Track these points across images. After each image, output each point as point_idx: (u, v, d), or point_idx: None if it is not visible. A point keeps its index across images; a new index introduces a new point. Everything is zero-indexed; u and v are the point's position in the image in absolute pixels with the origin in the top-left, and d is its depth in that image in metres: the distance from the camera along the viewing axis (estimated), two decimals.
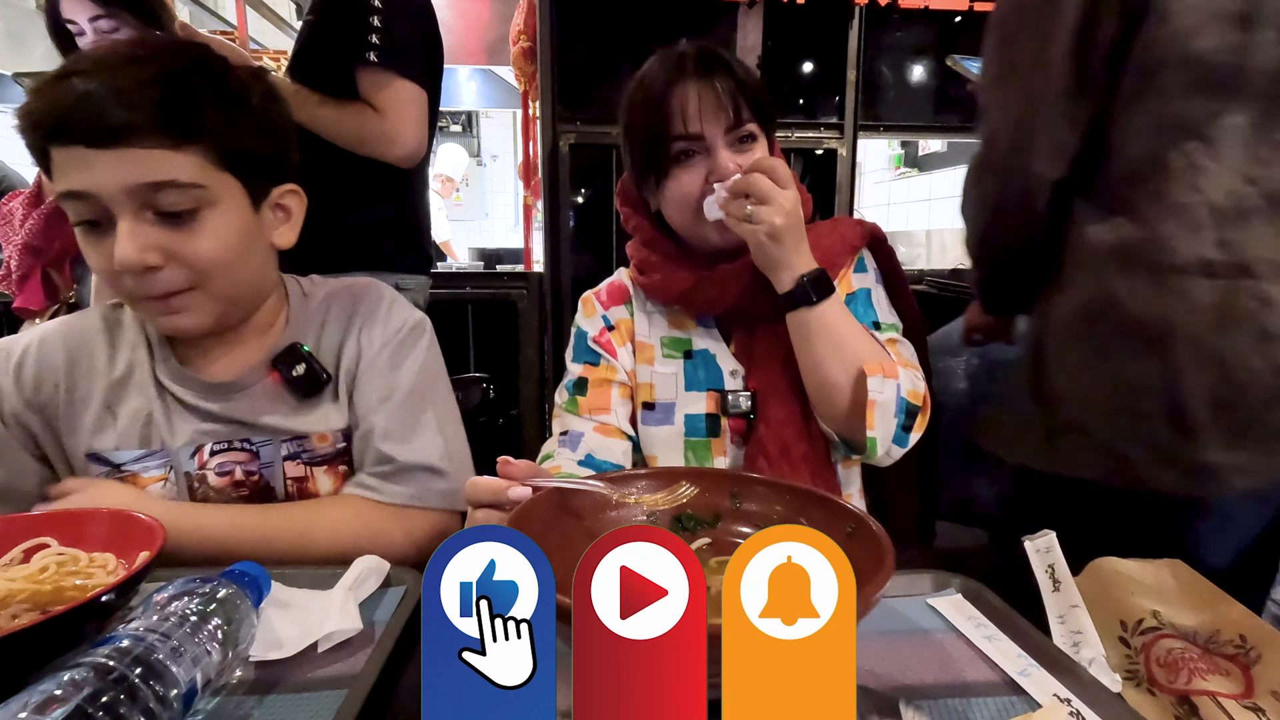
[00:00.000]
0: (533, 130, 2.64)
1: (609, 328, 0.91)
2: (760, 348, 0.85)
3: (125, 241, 0.64)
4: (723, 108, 0.79)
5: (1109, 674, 0.47)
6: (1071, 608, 0.54)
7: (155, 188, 0.64)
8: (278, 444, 0.77)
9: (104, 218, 0.65)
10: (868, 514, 0.49)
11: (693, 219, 0.83)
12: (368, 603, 0.57)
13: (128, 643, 0.39)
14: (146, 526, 0.53)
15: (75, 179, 0.64)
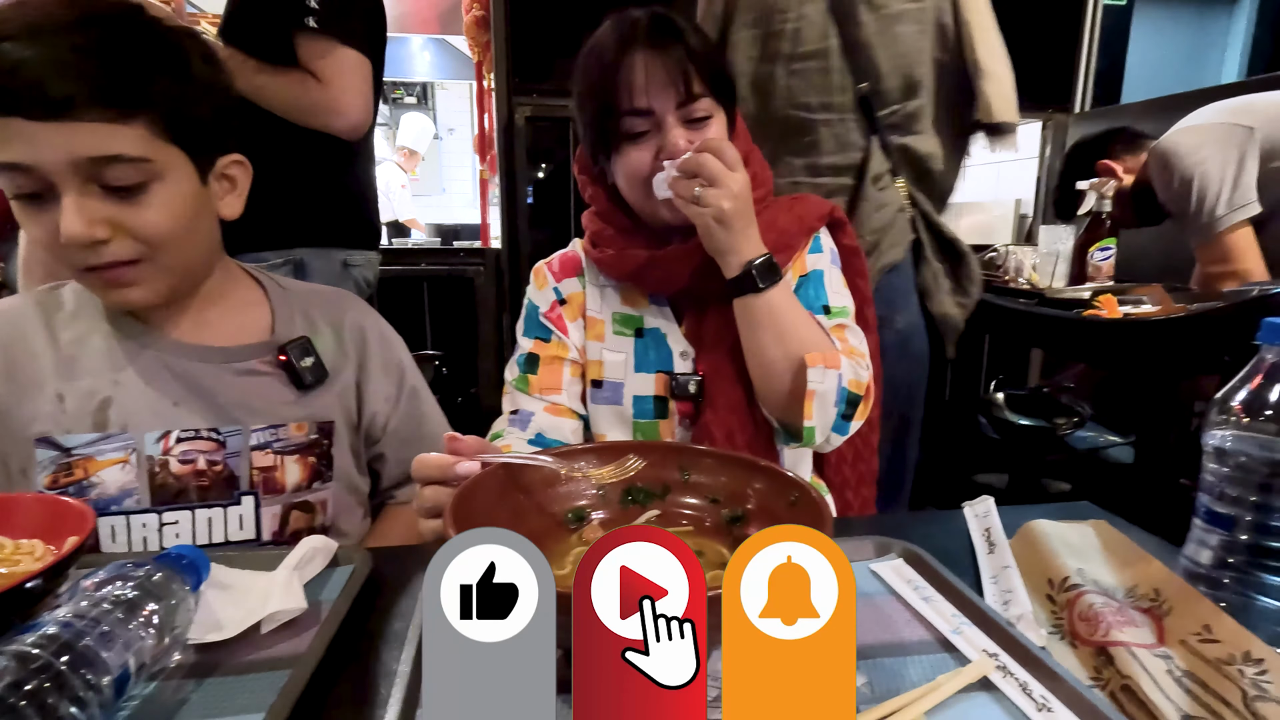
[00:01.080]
0: (488, 102, 2.58)
1: (560, 301, 0.90)
2: (710, 331, 0.84)
3: (72, 216, 0.62)
4: (673, 81, 0.75)
5: (1035, 629, 0.50)
6: (1003, 568, 0.56)
7: (102, 162, 0.63)
8: (247, 433, 0.76)
9: (46, 190, 0.63)
10: (809, 484, 0.50)
11: (644, 196, 0.81)
12: (314, 582, 0.56)
13: (54, 629, 0.38)
14: (77, 512, 0.51)
15: (14, 151, 0.61)
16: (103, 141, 0.62)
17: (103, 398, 0.72)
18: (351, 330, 0.86)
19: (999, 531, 0.63)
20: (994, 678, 0.44)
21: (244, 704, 0.43)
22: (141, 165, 0.65)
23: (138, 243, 0.66)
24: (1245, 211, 1.42)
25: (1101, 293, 1.33)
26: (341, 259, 1.39)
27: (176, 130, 0.67)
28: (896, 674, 0.46)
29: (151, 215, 0.66)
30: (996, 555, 0.59)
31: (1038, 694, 0.42)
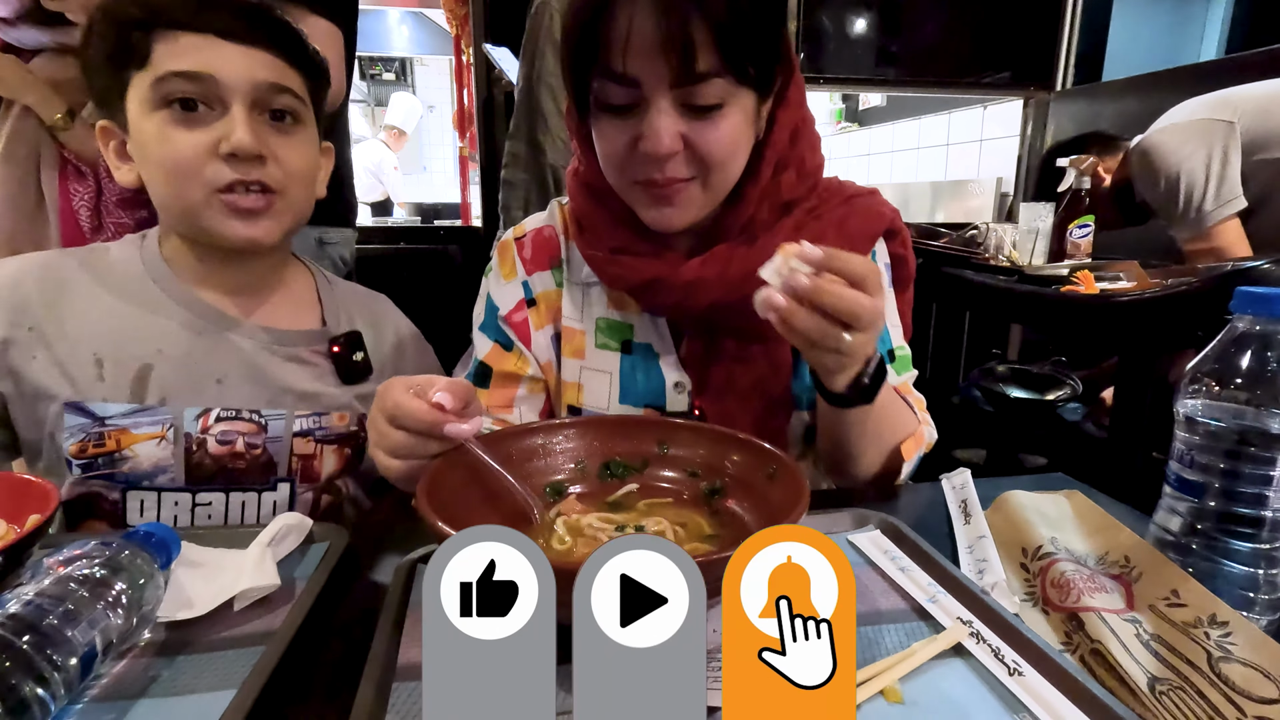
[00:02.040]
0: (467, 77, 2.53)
1: (529, 301, 0.76)
2: (719, 372, 0.71)
3: (244, 128, 0.67)
4: (668, 49, 0.56)
5: (1008, 597, 0.50)
6: (979, 538, 0.57)
7: (276, 89, 0.70)
8: (291, 418, 0.76)
9: (214, 101, 0.67)
10: (785, 455, 0.49)
11: (622, 187, 0.66)
12: (288, 560, 0.55)
13: (15, 607, 0.37)
14: (41, 490, 0.50)
15: (196, 61, 0.66)
16: (280, 73, 0.70)
17: (142, 365, 0.70)
18: (391, 333, 0.87)
19: (975, 503, 0.63)
20: (967, 644, 0.44)
21: (215, 681, 0.42)
22: (298, 105, 0.72)
23: (281, 173, 0.71)
24: (1232, 206, 1.45)
25: (1079, 269, 1.34)
26: (316, 236, 1.36)
27: (313, 92, 0.75)
28: (873, 642, 0.46)
29: (295, 150, 0.72)
30: (972, 525, 0.60)
31: (1009, 659, 0.43)
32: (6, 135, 1.27)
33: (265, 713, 0.39)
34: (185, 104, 0.67)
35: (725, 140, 0.62)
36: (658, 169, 0.61)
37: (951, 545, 0.60)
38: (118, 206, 1.29)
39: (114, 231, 1.30)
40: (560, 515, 0.53)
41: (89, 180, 1.30)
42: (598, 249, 0.71)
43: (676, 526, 0.52)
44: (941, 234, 1.72)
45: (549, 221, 0.78)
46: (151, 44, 0.66)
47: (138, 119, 0.68)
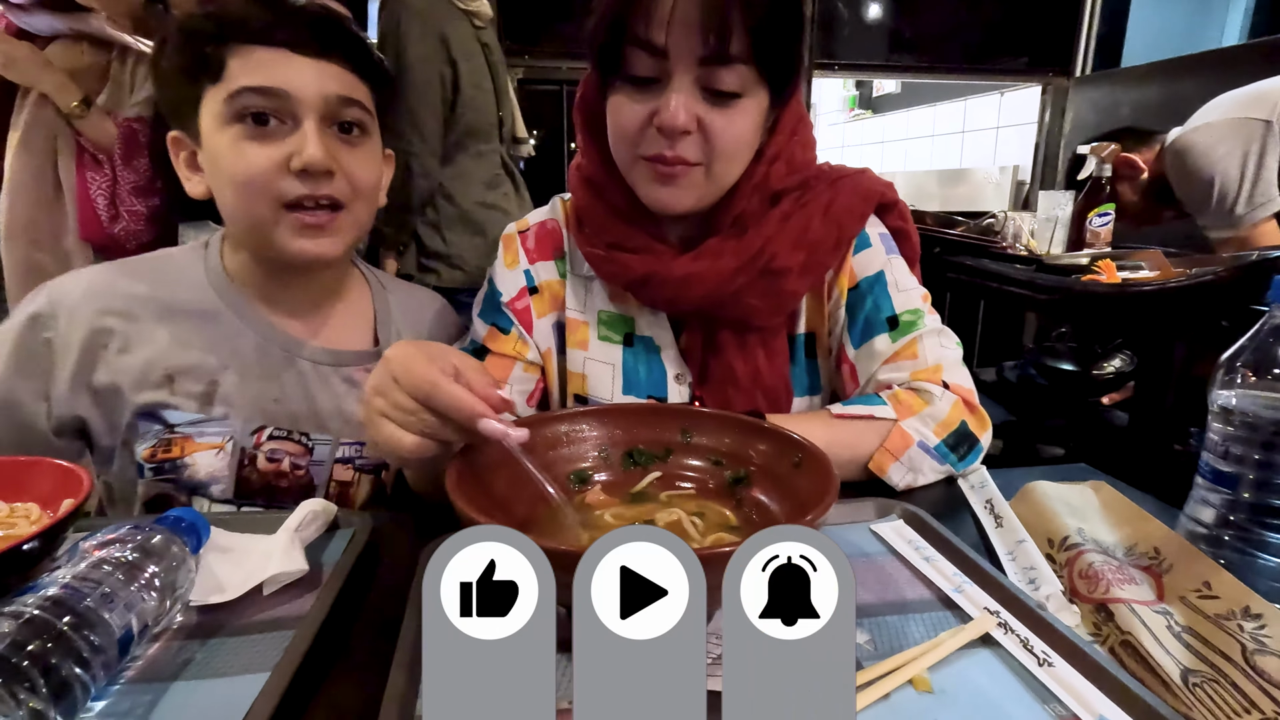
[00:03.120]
0: None
1: (531, 289, 0.77)
2: (718, 363, 0.72)
3: (314, 141, 0.67)
4: (706, 24, 0.58)
5: (1069, 609, 0.47)
6: (1018, 543, 0.54)
7: (345, 102, 0.70)
8: (335, 445, 0.77)
9: (285, 116, 0.67)
10: (813, 444, 0.49)
11: (627, 161, 0.67)
12: (315, 546, 0.56)
13: (54, 590, 0.38)
14: (73, 475, 0.50)
15: (268, 76, 0.67)
16: (349, 86, 0.70)
17: (209, 381, 0.72)
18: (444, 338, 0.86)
19: (1001, 502, 0.61)
20: (995, 634, 0.44)
21: (248, 663, 0.42)
22: (366, 118, 0.73)
23: (349, 187, 0.71)
24: (1266, 209, 1.42)
25: (1100, 258, 1.33)
26: None
27: (379, 106, 0.76)
28: (899, 631, 0.46)
29: (363, 163, 0.72)
30: (1007, 529, 0.57)
31: (1039, 649, 0.43)
32: (24, 123, 1.27)
33: (297, 695, 0.40)
34: (258, 118, 0.67)
35: (736, 132, 0.64)
36: (669, 145, 0.63)
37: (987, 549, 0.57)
38: (130, 194, 1.29)
39: (129, 220, 1.30)
40: (586, 505, 0.53)
41: (105, 169, 1.30)
42: (595, 245, 0.73)
43: (694, 517, 0.51)
44: (958, 222, 1.70)
45: (551, 215, 0.80)
46: (226, 58, 0.66)
47: (211, 132, 0.68)
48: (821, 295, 0.76)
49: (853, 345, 0.75)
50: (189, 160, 0.72)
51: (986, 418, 0.71)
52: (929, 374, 0.71)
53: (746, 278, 0.69)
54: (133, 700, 0.39)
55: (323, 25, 0.69)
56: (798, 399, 0.77)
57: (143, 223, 1.30)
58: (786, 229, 0.70)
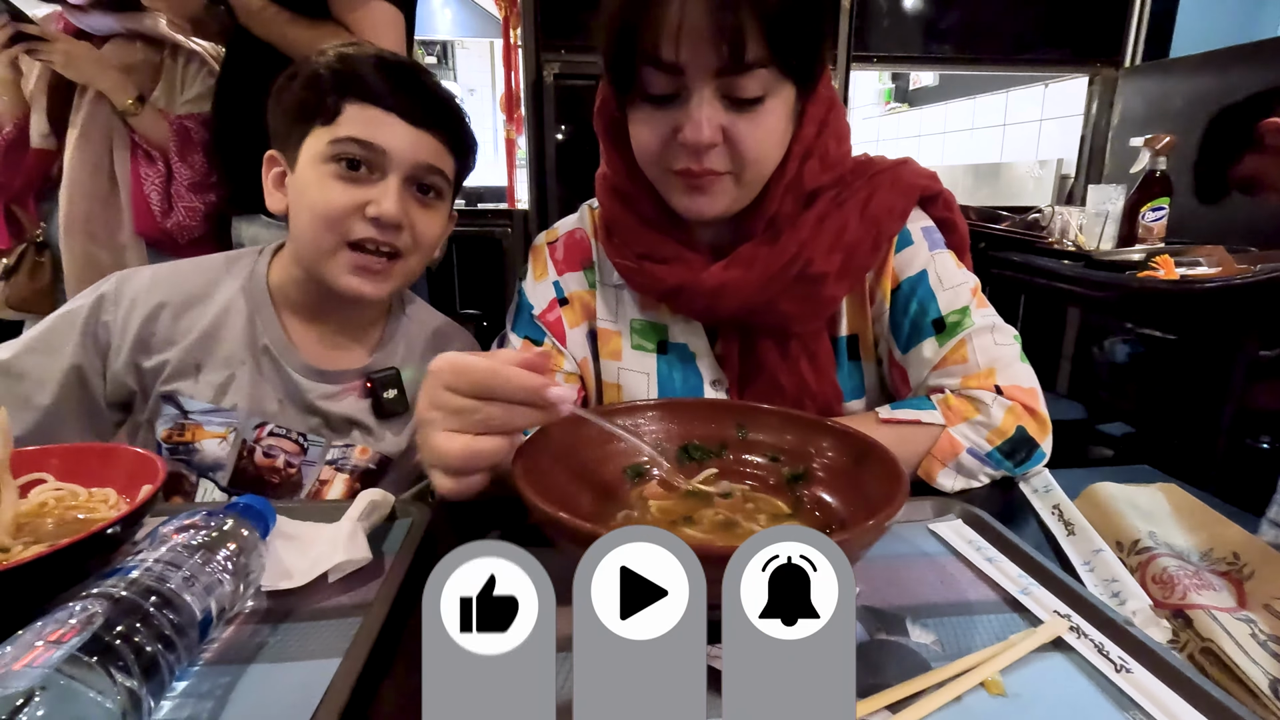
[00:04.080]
0: (515, 60, 2.53)
1: (561, 300, 0.77)
2: (761, 373, 0.71)
3: (394, 197, 0.74)
4: (718, 36, 0.56)
5: (1158, 624, 0.46)
6: (1095, 553, 0.52)
7: (430, 170, 0.77)
8: (326, 448, 0.82)
9: (376, 168, 0.74)
10: (880, 443, 0.48)
11: (656, 176, 0.66)
12: (374, 535, 0.57)
13: (138, 573, 0.39)
14: (147, 461, 0.52)
15: (372, 132, 0.73)
16: (438, 156, 0.77)
17: (228, 375, 0.79)
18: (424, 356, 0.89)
19: (1072, 508, 0.59)
20: (1068, 638, 0.43)
21: (319, 648, 0.43)
22: (444, 186, 0.79)
23: (411, 240, 0.77)
24: None
25: (1157, 253, 1.29)
26: None
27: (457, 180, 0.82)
28: (965, 633, 0.45)
29: (430, 224, 0.79)
30: (1081, 537, 0.55)
31: (1115, 655, 0.42)
32: (82, 120, 1.31)
33: (367, 681, 0.40)
34: (352, 164, 0.74)
35: (764, 136, 0.62)
36: (695, 160, 0.61)
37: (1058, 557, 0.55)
38: (189, 191, 1.32)
39: (184, 215, 1.34)
40: (642, 499, 0.53)
41: (159, 164, 1.34)
42: (625, 256, 0.72)
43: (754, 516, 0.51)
44: (1003, 217, 1.67)
45: (580, 224, 0.80)
46: (342, 107, 0.74)
47: (307, 165, 0.75)
48: (863, 296, 0.74)
49: (900, 350, 0.73)
50: (277, 179, 0.80)
51: (1047, 420, 0.68)
52: (981, 379, 0.69)
53: (781, 285, 0.68)
54: (212, 682, 0.40)
55: (431, 103, 0.77)
56: (844, 404, 0.75)
57: (198, 218, 1.33)
58: (822, 231, 0.68)
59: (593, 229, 0.78)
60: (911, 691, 0.39)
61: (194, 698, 0.39)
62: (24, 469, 0.52)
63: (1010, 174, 2.88)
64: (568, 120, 2.29)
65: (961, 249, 0.76)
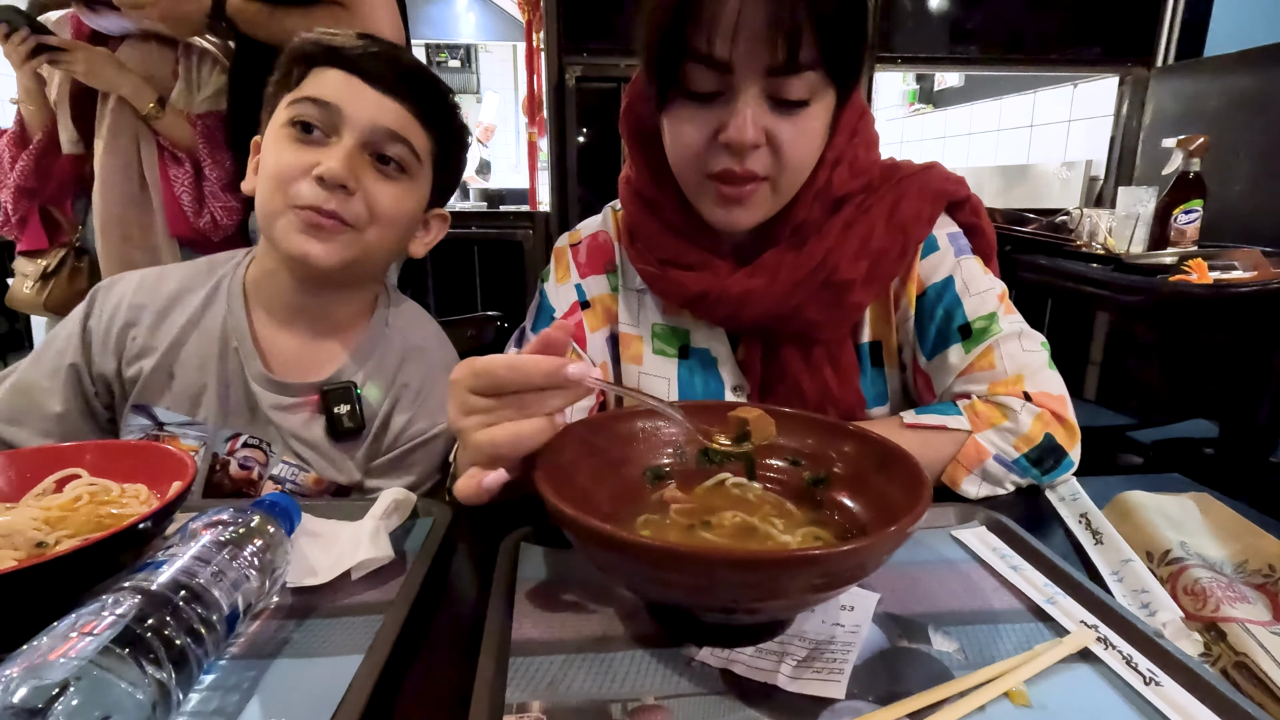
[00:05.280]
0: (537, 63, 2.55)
1: (583, 304, 0.76)
2: (783, 380, 0.70)
3: (343, 158, 0.70)
4: (773, 34, 0.55)
5: (1189, 637, 0.45)
6: (1124, 563, 0.51)
7: (392, 136, 0.72)
8: (277, 460, 0.78)
9: (331, 131, 0.71)
10: (902, 448, 0.48)
11: (691, 180, 0.65)
12: (396, 533, 0.57)
13: (168, 568, 0.40)
14: (177, 458, 0.53)
15: (331, 91, 0.71)
16: (403, 124, 0.73)
17: (200, 385, 0.77)
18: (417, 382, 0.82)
19: (1100, 517, 0.58)
20: (1095, 649, 0.43)
21: (341, 645, 0.44)
22: (410, 159, 0.74)
23: (366, 211, 0.72)
24: None
25: (1190, 257, 1.26)
26: None
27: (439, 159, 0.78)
28: (989, 642, 0.45)
29: (388, 194, 0.74)
30: (1109, 547, 0.54)
31: (1144, 668, 0.41)
32: (107, 126, 1.31)
33: (389, 677, 0.41)
34: (305, 127, 0.71)
35: (805, 140, 0.62)
36: (736, 161, 0.60)
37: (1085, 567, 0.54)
38: (222, 190, 1.32)
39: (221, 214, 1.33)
40: (662, 503, 0.53)
41: (186, 165, 1.34)
42: (648, 262, 0.71)
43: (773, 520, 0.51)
44: (1029, 220, 1.64)
45: (603, 227, 0.79)
46: (307, 73, 0.72)
47: (268, 136, 0.73)
48: (887, 303, 0.73)
49: (925, 357, 0.73)
50: (256, 165, 0.77)
51: (1076, 428, 0.67)
52: (1009, 385, 0.68)
53: (806, 292, 0.67)
54: (239, 675, 0.41)
55: (402, 71, 0.73)
56: (867, 412, 0.75)
57: (234, 217, 1.33)
58: (848, 238, 0.67)
59: (616, 232, 0.78)
60: (933, 700, 0.38)
61: (220, 690, 0.40)
62: (59, 464, 0.54)
63: (1037, 175, 2.83)
64: (589, 123, 2.30)
65: (988, 254, 0.75)
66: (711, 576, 0.37)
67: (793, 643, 0.44)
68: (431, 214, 0.83)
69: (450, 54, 5.82)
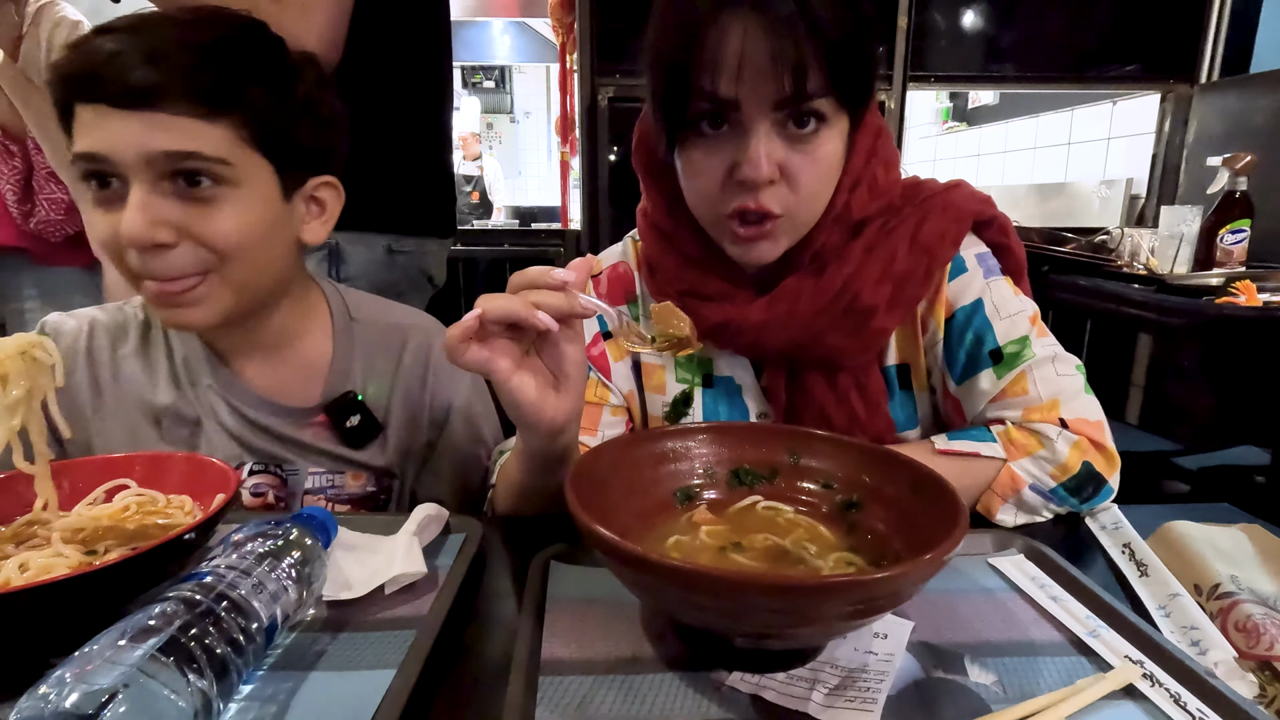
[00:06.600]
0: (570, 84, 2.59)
1: (604, 334, 0.75)
2: (809, 409, 0.70)
3: (135, 213, 0.59)
4: (779, 69, 0.55)
5: (1244, 678, 0.43)
6: (1171, 597, 0.50)
7: (176, 157, 0.60)
8: (304, 475, 0.75)
9: (119, 184, 0.61)
10: (937, 473, 0.47)
11: (709, 220, 0.65)
12: (428, 549, 0.58)
13: (211, 579, 0.41)
14: (220, 470, 0.54)
15: (91, 140, 0.60)
16: (182, 135, 0.60)
17: (194, 418, 0.73)
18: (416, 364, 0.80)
19: (1144, 548, 0.56)
20: (1141, 686, 0.41)
21: (375, 659, 0.44)
22: (218, 167, 0.62)
23: (204, 251, 0.63)
24: None
25: (1238, 278, 1.22)
26: (385, 244, 1.16)
27: (265, 139, 0.64)
28: (1028, 675, 0.43)
29: (222, 222, 0.63)
30: (1155, 580, 0.52)
31: (1194, 707, 0.39)
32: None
33: (422, 693, 0.41)
34: (101, 182, 0.61)
35: (820, 169, 0.62)
36: (752, 198, 0.61)
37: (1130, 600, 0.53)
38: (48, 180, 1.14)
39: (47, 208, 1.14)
40: (691, 524, 0.53)
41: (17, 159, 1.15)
42: (667, 293, 0.71)
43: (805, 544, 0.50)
44: (1067, 239, 1.61)
45: (623, 257, 0.79)
46: (74, 112, 0.61)
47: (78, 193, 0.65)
48: (914, 325, 0.72)
49: (954, 381, 0.71)
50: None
51: (1115, 454, 0.65)
52: (1044, 411, 0.66)
53: (829, 319, 0.66)
54: (275, 686, 0.41)
55: (144, 66, 0.59)
56: (897, 436, 0.74)
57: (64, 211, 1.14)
58: (870, 262, 0.66)
59: (635, 262, 0.78)
60: None
61: (258, 701, 0.40)
62: (109, 475, 0.56)
63: (1074, 194, 2.78)
64: (620, 142, 2.32)
65: (1019, 274, 0.74)
66: (743, 601, 0.37)
67: (824, 670, 0.43)
68: (311, 189, 0.71)
69: (485, 75, 5.98)
